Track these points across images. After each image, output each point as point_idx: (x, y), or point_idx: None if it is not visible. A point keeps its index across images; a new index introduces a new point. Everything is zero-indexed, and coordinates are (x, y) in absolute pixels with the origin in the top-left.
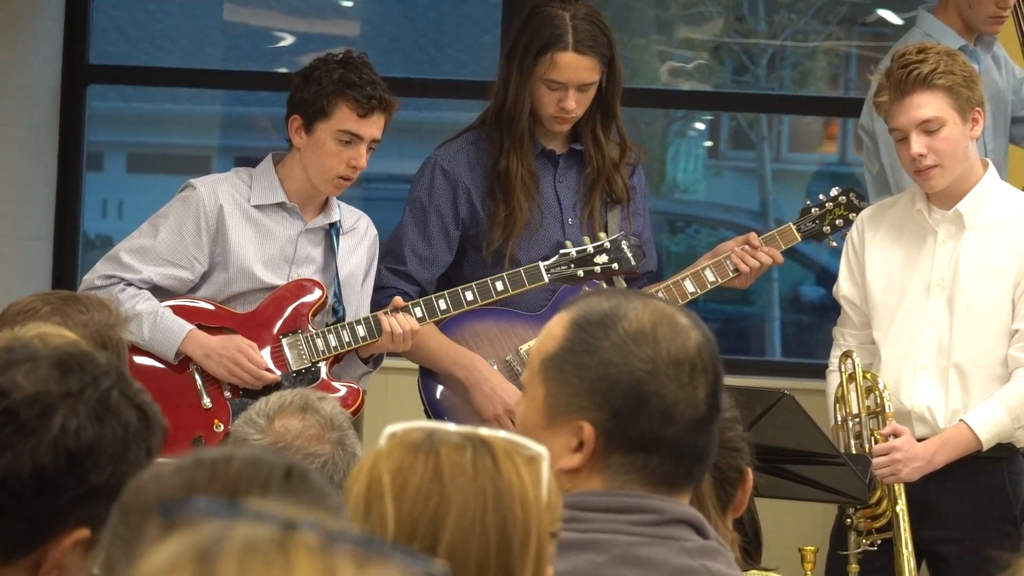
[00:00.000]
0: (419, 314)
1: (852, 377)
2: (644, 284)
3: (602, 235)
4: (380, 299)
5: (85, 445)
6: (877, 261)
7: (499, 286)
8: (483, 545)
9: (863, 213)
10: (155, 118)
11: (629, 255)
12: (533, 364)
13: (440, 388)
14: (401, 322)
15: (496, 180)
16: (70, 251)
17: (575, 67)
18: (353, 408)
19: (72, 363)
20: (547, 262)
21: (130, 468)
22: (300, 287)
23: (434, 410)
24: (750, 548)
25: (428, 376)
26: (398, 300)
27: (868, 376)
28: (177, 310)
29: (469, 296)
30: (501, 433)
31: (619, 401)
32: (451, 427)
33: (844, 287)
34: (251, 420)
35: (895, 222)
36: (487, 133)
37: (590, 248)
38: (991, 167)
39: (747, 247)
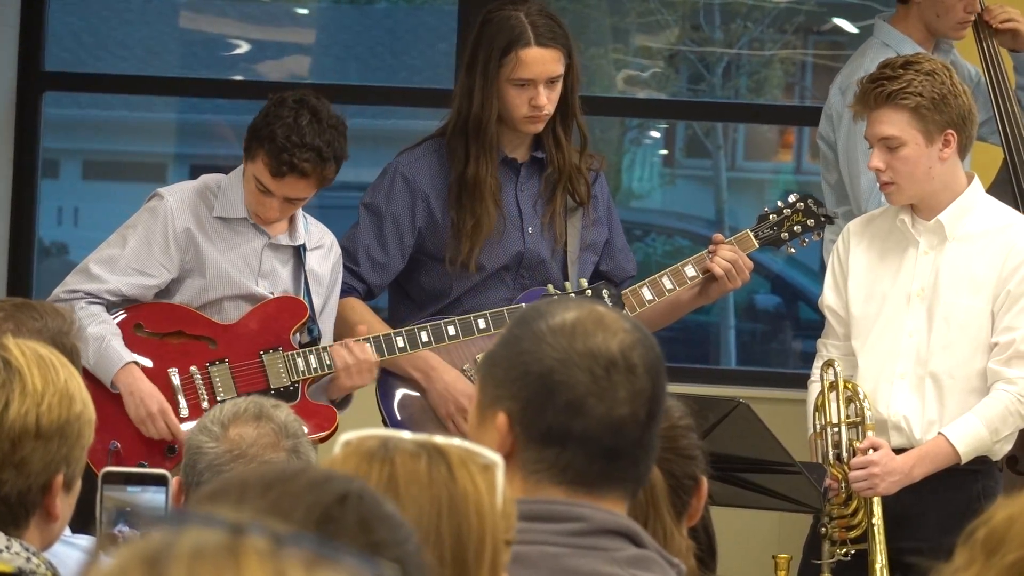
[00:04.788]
0: (400, 344)
1: (833, 386)
2: (627, 286)
3: (583, 281)
4: None
5: None
6: (859, 270)
7: (481, 324)
8: (438, 553)
9: (850, 224)
10: (111, 125)
11: (608, 304)
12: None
13: (398, 397)
14: (348, 355)
15: (463, 188)
16: (24, 258)
17: (541, 61)
18: (329, 431)
19: None
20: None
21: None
22: (284, 303)
23: (391, 419)
24: (705, 557)
25: (386, 385)
26: (361, 329)
27: (849, 386)
28: (161, 312)
29: (451, 331)
30: (456, 441)
31: (529, 390)
32: (406, 435)
33: (828, 297)
34: (206, 428)
35: (880, 232)
36: (449, 143)
37: (587, 289)
38: (976, 179)
39: (712, 248)
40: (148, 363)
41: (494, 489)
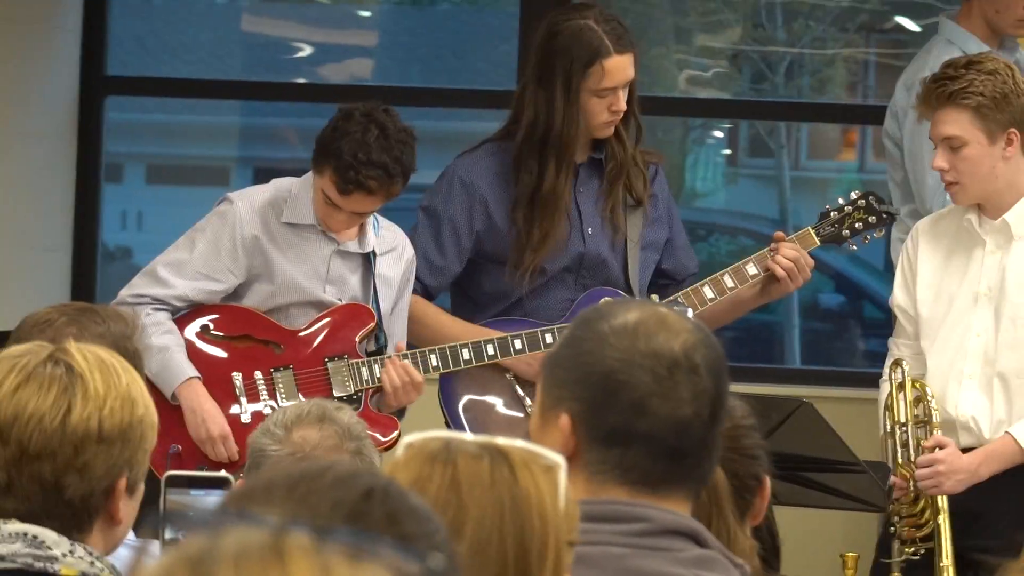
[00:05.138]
0: (467, 357)
1: (901, 386)
2: (689, 284)
3: (654, 298)
4: None
5: None
6: (927, 271)
7: (548, 339)
8: (501, 555)
9: (919, 224)
10: (174, 129)
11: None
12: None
13: (462, 400)
14: (400, 374)
15: (535, 201)
16: (88, 263)
17: (622, 67)
18: (391, 439)
19: None
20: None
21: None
22: (351, 311)
23: (454, 420)
24: (768, 556)
25: (449, 387)
26: (400, 345)
27: (917, 385)
28: (231, 315)
29: (518, 345)
30: (518, 443)
31: (592, 390)
32: (468, 437)
33: (898, 297)
34: (269, 431)
35: (948, 232)
36: (518, 154)
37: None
38: None
39: (773, 246)
40: (215, 356)
41: (556, 490)
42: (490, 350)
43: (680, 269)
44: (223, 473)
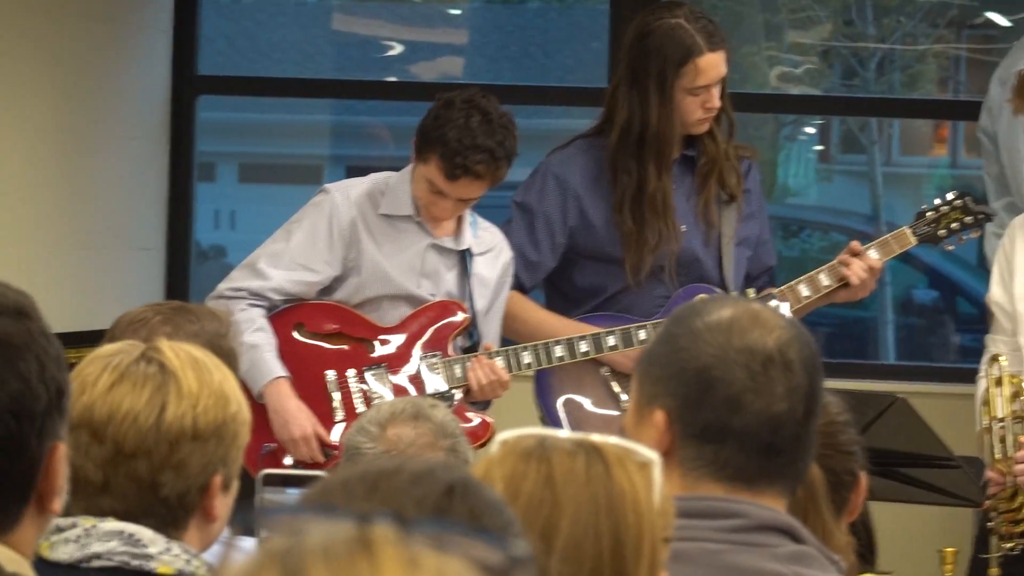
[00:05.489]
0: (560, 353)
1: (998, 382)
2: (764, 282)
3: (750, 292)
4: None
5: None
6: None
7: (642, 335)
8: (596, 552)
9: (1016, 219)
10: (266, 128)
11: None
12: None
13: (558, 396)
14: (487, 373)
15: (642, 202)
16: (182, 262)
17: (715, 65)
18: (483, 440)
19: None
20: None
21: None
22: (445, 308)
23: (550, 417)
24: (865, 552)
25: (544, 384)
26: (488, 345)
27: (1015, 381)
28: (323, 312)
29: (611, 341)
30: (612, 439)
31: (687, 386)
32: (563, 434)
33: (995, 293)
34: (363, 429)
35: None
36: (615, 155)
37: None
38: None
39: (847, 255)
40: (308, 354)
41: (651, 487)
42: (583, 347)
43: (757, 264)
44: (319, 472)
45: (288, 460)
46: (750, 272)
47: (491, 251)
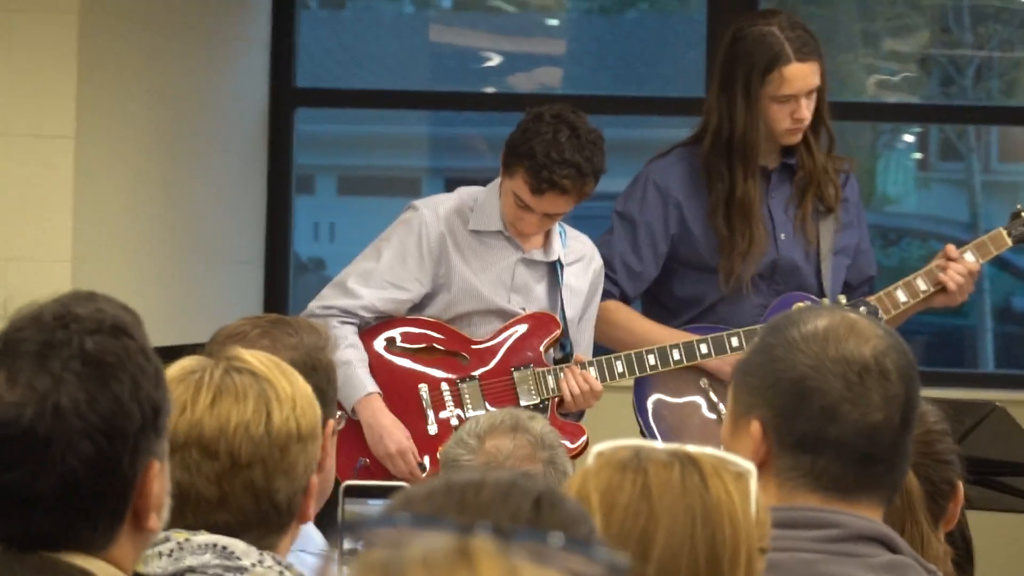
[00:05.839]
0: (653, 362)
1: None
2: (865, 291)
3: (841, 299)
4: None
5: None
6: None
7: (734, 342)
8: (692, 562)
9: None
10: (364, 140)
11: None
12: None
13: (654, 408)
14: (579, 383)
15: (731, 208)
16: (281, 275)
17: (802, 76)
18: (578, 448)
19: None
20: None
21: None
22: (536, 320)
23: (648, 428)
24: (962, 561)
25: (643, 394)
26: (580, 356)
27: None
28: (416, 327)
29: (704, 349)
30: (708, 450)
31: (783, 397)
32: (658, 445)
33: None
34: (462, 441)
35: None
36: (708, 160)
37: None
38: None
39: (944, 260)
40: (401, 368)
41: (747, 497)
42: (676, 355)
43: (857, 273)
44: (402, 483)
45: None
46: (850, 281)
47: (581, 260)
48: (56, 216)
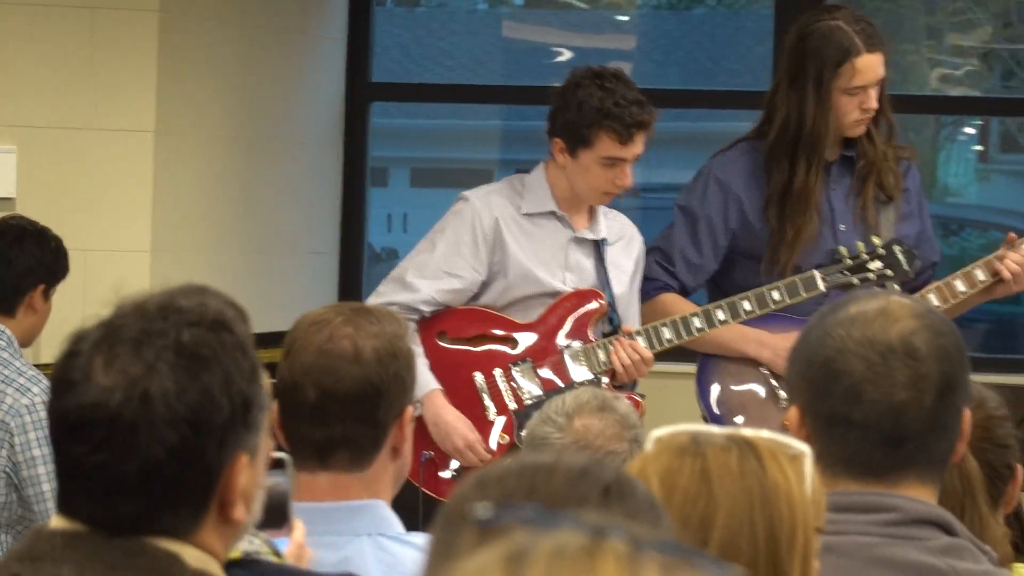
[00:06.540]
0: (699, 324)
1: None
2: (930, 276)
3: (875, 239)
4: (648, 289)
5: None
6: None
7: (776, 296)
8: (752, 544)
9: None
10: (437, 133)
11: (903, 260)
12: None
13: (715, 392)
14: (629, 353)
15: (787, 197)
16: (355, 264)
17: (873, 66)
18: None
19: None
20: (822, 270)
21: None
22: (580, 297)
23: (711, 414)
24: (1019, 543)
25: (705, 380)
26: (627, 327)
27: None
28: (463, 317)
29: (747, 306)
30: (764, 433)
31: (813, 380)
32: (715, 429)
33: None
34: (550, 419)
35: None
36: (771, 152)
37: (864, 254)
38: None
39: (1000, 252)
40: (455, 360)
41: (803, 478)
42: (720, 315)
43: (922, 259)
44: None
45: (447, 471)
46: None
47: (622, 239)
48: (136, 208)
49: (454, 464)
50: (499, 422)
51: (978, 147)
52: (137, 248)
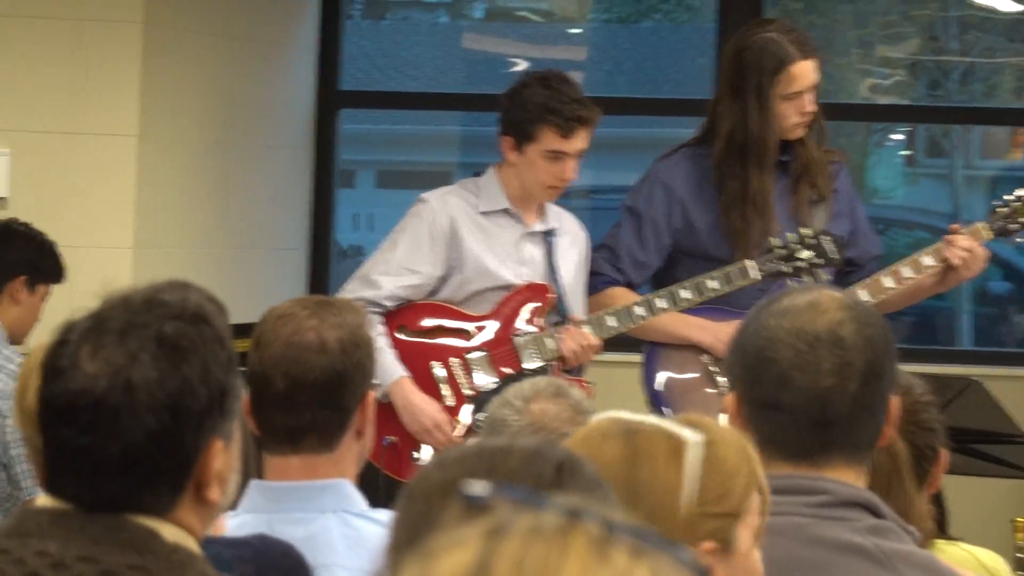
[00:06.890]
0: (641, 312)
1: None
2: (872, 269)
3: (804, 230)
4: (596, 283)
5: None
6: None
7: (712, 284)
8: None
9: None
10: (401, 138)
11: (831, 248)
12: None
13: (663, 380)
14: (577, 340)
15: (745, 202)
16: (323, 260)
17: (808, 71)
18: None
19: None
20: (755, 260)
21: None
22: (531, 290)
23: (655, 400)
24: (941, 520)
25: (651, 369)
26: (574, 316)
27: None
28: (422, 311)
29: (686, 294)
30: (651, 419)
31: (747, 368)
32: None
33: None
34: (508, 403)
35: None
36: (721, 163)
37: (793, 244)
38: None
39: (948, 238)
40: (413, 352)
41: (681, 466)
42: (660, 303)
43: (863, 255)
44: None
45: (418, 453)
46: (856, 261)
47: (569, 234)
48: (120, 207)
49: (423, 450)
50: (456, 408)
51: (906, 152)
52: (121, 245)
